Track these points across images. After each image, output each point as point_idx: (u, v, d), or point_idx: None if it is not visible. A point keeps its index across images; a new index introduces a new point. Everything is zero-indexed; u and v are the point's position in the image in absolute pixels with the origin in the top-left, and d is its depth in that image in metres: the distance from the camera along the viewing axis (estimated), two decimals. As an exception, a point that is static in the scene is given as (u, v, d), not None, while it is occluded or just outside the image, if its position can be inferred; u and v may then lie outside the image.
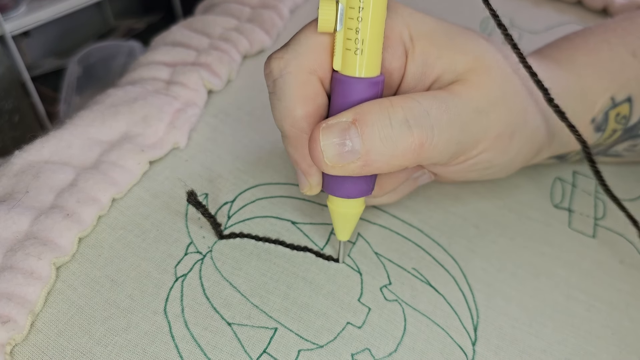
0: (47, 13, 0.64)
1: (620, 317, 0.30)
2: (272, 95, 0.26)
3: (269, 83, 0.26)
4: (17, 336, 0.25)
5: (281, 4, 0.44)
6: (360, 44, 0.23)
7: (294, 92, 0.25)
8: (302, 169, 0.27)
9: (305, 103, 0.25)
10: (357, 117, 0.23)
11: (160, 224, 0.30)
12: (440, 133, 0.25)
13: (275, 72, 0.25)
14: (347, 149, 0.23)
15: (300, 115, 0.25)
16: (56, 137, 0.33)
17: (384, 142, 0.23)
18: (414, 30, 0.26)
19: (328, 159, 0.24)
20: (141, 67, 0.38)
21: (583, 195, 0.37)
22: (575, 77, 0.32)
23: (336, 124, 0.23)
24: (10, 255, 0.27)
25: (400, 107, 0.24)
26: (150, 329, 0.26)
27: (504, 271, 0.31)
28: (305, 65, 0.25)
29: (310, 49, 0.25)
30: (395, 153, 0.24)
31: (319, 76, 0.25)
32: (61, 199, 0.30)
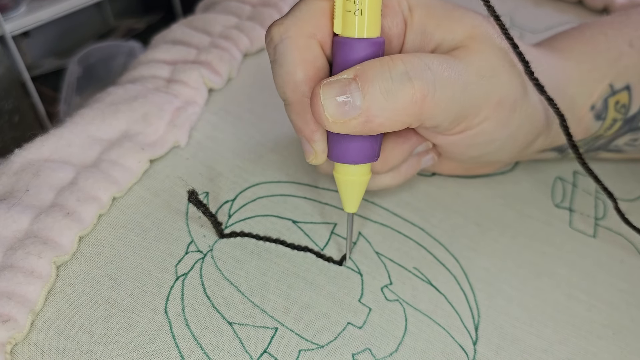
0: (47, 13, 0.64)
1: (621, 317, 0.30)
2: (273, 63, 0.26)
3: (270, 51, 0.26)
4: (17, 335, 0.25)
5: (282, 1, 0.44)
6: (360, 4, 0.24)
7: (294, 56, 0.25)
8: (305, 136, 0.27)
9: (306, 67, 0.25)
10: (358, 73, 0.23)
11: (161, 222, 0.30)
12: (442, 88, 0.24)
13: (276, 38, 0.25)
14: (348, 105, 0.23)
15: (301, 79, 0.25)
16: (56, 135, 0.32)
17: (385, 96, 0.23)
18: (413, 1, 0.27)
19: (329, 114, 0.24)
20: (141, 65, 0.38)
21: (584, 195, 0.37)
22: (574, 63, 0.32)
23: (337, 81, 0.24)
24: (10, 254, 0.27)
25: (401, 60, 0.24)
26: (150, 328, 0.26)
27: (505, 270, 0.31)
28: (305, 29, 0.25)
29: (310, 13, 0.25)
30: (397, 106, 0.24)
31: (318, 40, 0.25)
32: (61, 197, 0.30)
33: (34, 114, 0.66)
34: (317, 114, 0.24)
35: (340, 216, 0.32)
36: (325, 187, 0.33)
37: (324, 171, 0.31)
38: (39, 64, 0.73)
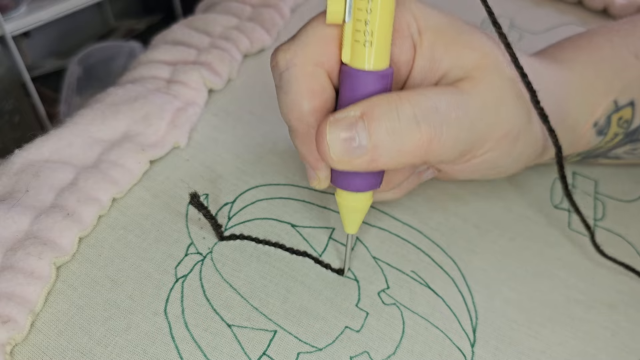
0: (48, 13, 0.64)
1: (619, 318, 0.30)
2: (279, 89, 0.26)
3: (275, 76, 0.26)
4: (17, 336, 0.25)
5: (282, 2, 0.44)
6: (370, 36, 0.23)
7: (300, 85, 0.24)
8: (310, 163, 0.27)
9: (312, 97, 0.25)
10: (365, 111, 0.23)
11: (161, 224, 0.30)
12: (448, 130, 0.24)
13: (282, 64, 0.25)
14: (354, 144, 0.23)
15: (307, 109, 0.25)
16: (56, 135, 0.32)
17: (392, 137, 0.23)
18: (422, 23, 0.26)
19: (334, 153, 0.23)
20: (142, 65, 0.38)
21: (583, 196, 0.37)
22: (578, 77, 0.32)
23: (343, 118, 0.23)
24: (10, 254, 0.27)
25: (409, 101, 0.23)
26: (150, 329, 0.26)
27: (503, 272, 0.31)
28: (312, 57, 0.24)
29: (318, 41, 0.24)
30: (403, 149, 0.24)
31: (326, 69, 0.25)
32: (61, 198, 0.30)
33: (34, 114, 0.66)
34: (322, 152, 0.24)
35: (338, 221, 0.32)
36: (324, 190, 0.33)
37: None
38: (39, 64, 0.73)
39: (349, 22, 0.23)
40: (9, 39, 0.61)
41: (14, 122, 0.62)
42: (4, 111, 0.61)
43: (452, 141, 0.25)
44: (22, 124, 0.63)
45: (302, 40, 0.25)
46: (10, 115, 0.62)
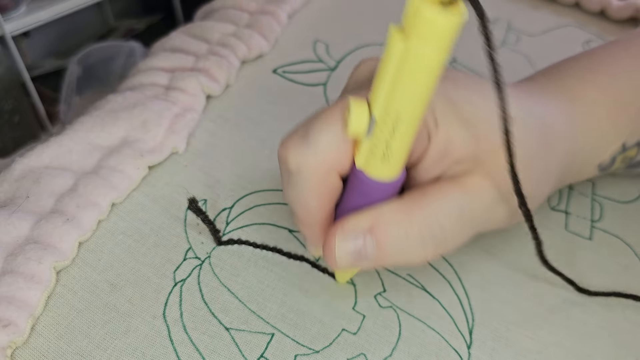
0: (47, 13, 0.64)
1: (616, 318, 0.30)
2: (287, 182, 0.25)
3: (283, 171, 0.25)
4: (17, 339, 0.25)
5: (279, 9, 0.44)
6: (388, 150, 0.22)
7: (310, 188, 0.24)
8: (312, 242, 0.27)
9: (321, 198, 0.24)
10: (374, 226, 0.24)
11: (160, 229, 0.31)
12: (453, 240, 0.25)
13: (292, 165, 0.24)
14: (361, 254, 0.24)
15: (314, 207, 0.25)
16: (56, 142, 0.33)
17: (398, 252, 0.24)
18: (438, 113, 0.24)
19: (342, 264, 0.25)
20: (140, 73, 0.38)
21: (580, 197, 0.37)
22: (588, 122, 0.30)
23: (352, 230, 0.24)
24: (11, 259, 0.28)
25: (417, 223, 0.24)
26: (149, 332, 0.26)
27: (499, 274, 0.31)
28: (325, 163, 0.23)
29: (332, 148, 0.23)
30: (405, 262, 0.25)
31: (337, 171, 0.24)
32: (61, 203, 0.30)
33: (33, 114, 0.67)
34: (329, 260, 0.25)
35: (336, 221, 0.32)
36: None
37: None
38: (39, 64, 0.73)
39: (369, 137, 0.22)
40: (8, 38, 0.61)
41: (14, 121, 0.63)
42: (4, 111, 0.62)
43: (455, 246, 0.26)
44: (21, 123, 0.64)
45: (315, 144, 0.23)
46: (10, 115, 0.62)
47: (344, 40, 0.45)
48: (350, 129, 0.22)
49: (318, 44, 0.44)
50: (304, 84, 0.40)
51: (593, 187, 0.38)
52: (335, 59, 0.43)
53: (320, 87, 0.40)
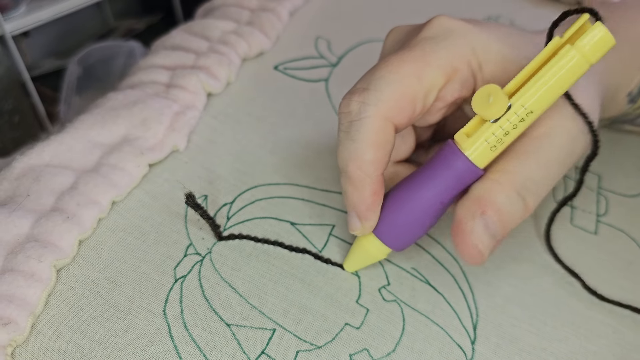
0: (47, 13, 0.64)
1: (622, 314, 0.30)
2: (345, 134, 0.26)
3: (344, 122, 0.26)
4: (18, 338, 0.25)
5: (280, 6, 0.44)
6: (499, 143, 0.25)
7: (369, 137, 0.25)
8: (358, 212, 0.27)
9: (377, 149, 0.25)
10: (485, 209, 0.25)
11: (160, 226, 0.30)
12: (546, 186, 0.26)
13: (354, 114, 0.26)
14: (491, 234, 0.25)
15: (369, 160, 0.25)
16: (57, 140, 0.33)
17: (512, 217, 0.25)
18: (482, 57, 0.27)
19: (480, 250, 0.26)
20: (141, 70, 0.38)
21: (585, 191, 0.37)
22: (617, 52, 0.31)
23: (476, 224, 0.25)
24: (11, 257, 0.27)
25: (513, 188, 0.25)
26: (149, 330, 0.26)
27: (504, 269, 0.31)
28: (385, 112, 0.25)
29: (394, 97, 0.25)
30: (516, 223, 0.26)
31: (394, 122, 0.26)
32: (62, 201, 0.30)
33: (33, 114, 0.67)
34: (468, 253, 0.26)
35: (338, 218, 0.32)
36: (324, 188, 0.33)
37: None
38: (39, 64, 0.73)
39: (493, 124, 0.24)
40: (8, 38, 0.61)
41: (14, 121, 0.63)
42: (4, 111, 0.62)
43: (552, 184, 0.27)
44: (21, 123, 0.64)
45: (377, 93, 0.25)
46: (10, 115, 0.62)
47: (345, 36, 0.44)
48: (487, 113, 0.24)
49: (320, 40, 0.44)
50: (306, 80, 0.40)
51: (599, 180, 0.38)
52: (337, 55, 0.43)
53: (321, 82, 0.40)
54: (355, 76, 0.41)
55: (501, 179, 0.25)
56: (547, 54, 0.24)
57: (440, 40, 0.27)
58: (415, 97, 0.26)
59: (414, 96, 0.26)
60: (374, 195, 0.26)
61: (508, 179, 0.25)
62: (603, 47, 0.23)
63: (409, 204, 0.26)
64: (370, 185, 0.26)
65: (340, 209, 0.32)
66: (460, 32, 0.27)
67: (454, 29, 0.27)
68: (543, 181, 0.26)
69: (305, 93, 0.39)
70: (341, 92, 0.40)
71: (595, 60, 0.23)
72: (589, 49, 0.23)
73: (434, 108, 0.28)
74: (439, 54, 0.26)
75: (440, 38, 0.27)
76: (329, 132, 0.37)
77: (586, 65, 0.23)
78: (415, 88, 0.26)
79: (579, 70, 0.24)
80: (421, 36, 0.27)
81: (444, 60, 0.26)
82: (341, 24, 0.46)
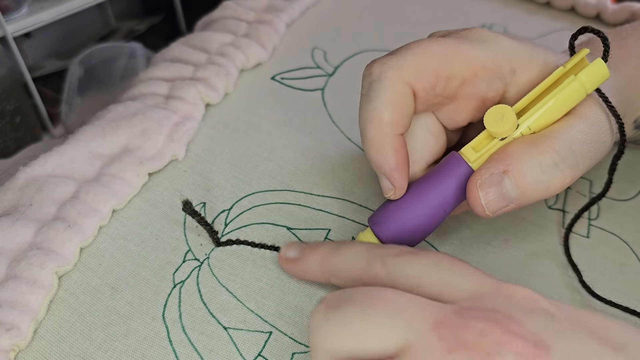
0: (49, 14, 0.65)
1: (615, 315, 0.30)
2: (364, 97, 0.27)
3: (364, 84, 0.27)
4: (20, 343, 0.26)
5: (277, 18, 0.45)
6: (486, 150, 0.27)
7: (387, 96, 0.26)
8: (385, 172, 0.27)
9: (395, 110, 0.26)
10: (508, 168, 0.25)
11: (159, 233, 0.31)
12: (583, 163, 0.26)
13: (375, 74, 0.27)
14: (505, 198, 0.26)
15: (386, 120, 0.26)
16: (59, 152, 0.34)
17: (538, 186, 0.26)
18: (516, 64, 0.28)
19: (490, 211, 0.26)
20: (141, 83, 0.39)
21: (577, 196, 0.37)
22: (626, 80, 0.32)
23: (489, 177, 0.25)
24: (14, 265, 0.28)
25: (547, 152, 0.25)
26: (149, 334, 0.27)
27: (497, 273, 0.32)
28: (404, 75, 0.26)
29: (415, 62, 0.26)
30: (548, 192, 0.26)
31: (414, 89, 0.27)
32: (63, 210, 0.31)
33: (35, 114, 0.67)
34: (478, 211, 0.26)
35: (333, 222, 0.32)
36: (319, 193, 0.34)
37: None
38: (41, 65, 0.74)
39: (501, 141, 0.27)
40: (10, 39, 0.62)
41: (16, 122, 0.63)
42: (6, 111, 0.62)
43: (588, 167, 0.27)
44: (23, 124, 0.64)
45: (399, 58, 0.27)
46: (11, 116, 0.63)
47: (341, 47, 0.45)
48: (500, 131, 0.26)
49: (316, 51, 0.45)
50: (302, 89, 0.41)
51: (590, 185, 0.38)
52: (333, 65, 0.43)
53: (318, 92, 0.41)
54: (351, 85, 0.42)
55: (538, 141, 0.26)
56: (551, 81, 0.27)
57: (476, 40, 0.28)
58: (438, 73, 0.27)
59: (437, 72, 0.27)
60: (396, 154, 0.27)
61: (548, 143, 0.26)
62: (600, 79, 0.26)
63: (413, 208, 0.27)
64: (389, 144, 0.27)
65: (335, 213, 0.33)
66: (496, 40, 0.28)
67: (491, 37, 0.28)
68: (582, 157, 0.26)
69: (301, 102, 0.40)
70: (337, 101, 0.40)
71: (591, 90, 0.26)
72: (588, 80, 0.26)
73: (459, 104, 0.29)
74: (471, 50, 0.27)
75: (476, 39, 0.28)
76: (324, 139, 0.38)
77: (584, 94, 0.26)
78: (439, 65, 0.27)
79: (578, 98, 0.26)
80: (459, 34, 0.29)
81: (475, 57, 0.27)
82: (337, 35, 0.47)
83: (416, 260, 0.23)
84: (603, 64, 0.26)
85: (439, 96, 0.28)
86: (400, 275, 0.23)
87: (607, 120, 0.28)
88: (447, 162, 0.27)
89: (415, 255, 0.24)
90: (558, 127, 0.26)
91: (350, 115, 0.39)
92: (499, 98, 0.29)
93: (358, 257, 0.25)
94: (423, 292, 0.22)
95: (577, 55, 0.27)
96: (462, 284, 0.22)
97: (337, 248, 0.26)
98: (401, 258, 0.24)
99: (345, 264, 0.25)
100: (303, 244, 0.28)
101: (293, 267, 0.28)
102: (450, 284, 0.22)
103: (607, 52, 0.27)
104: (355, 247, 0.26)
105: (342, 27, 0.48)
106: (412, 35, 0.31)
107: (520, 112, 0.27)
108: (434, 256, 0.24)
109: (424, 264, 0.23)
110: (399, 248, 0.25)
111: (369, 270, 0.24)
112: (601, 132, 0.27)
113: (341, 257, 0.26)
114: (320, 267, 0.27)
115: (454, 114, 0.29)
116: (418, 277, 0.23)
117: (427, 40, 0.28)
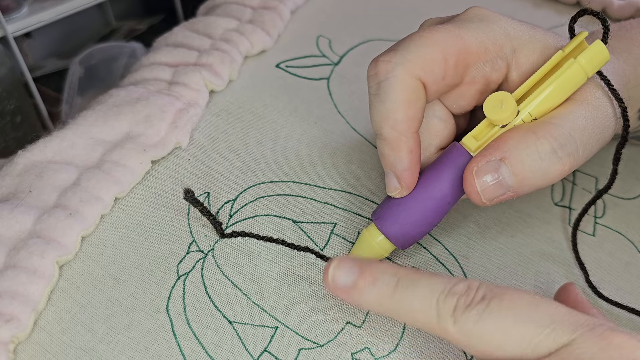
0: (49, 14, 0.64)
1: (620, 314, 0.30)
2: (375, 97, 0.27)
3: (372, 84, 0.27)
4: (20, 334, 0.25)
5: (282, 4, 0.44)
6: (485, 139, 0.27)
7: (398, 95, 0.26)
8: (396, 172, 0.27)
9: (408, 107, 0.26)
10: (505, 153, 0.25)
11: (163, 222, 0.30)
12: (584, 150, 0.26)
13: (382, 74, 0.26)
14: (501, 186, 0.25)
15: (401, 118, 0.26)
16: (59, 137, 0.33)
17: (535, 174, 0.25)
18: (516, 42, 0.27)
19: (486, 198, 0.26)
20: (143, 67, 0.38)
21: (583, 193, 0.37)
22: (632, 68, 0.32)
23: (485, 164, 0.25)
24: (13, 254, 0.28)
25: (546, 138, 0.25)
26: (152, 327, 0.26)
27: (503, 269, 0.31)
28: (412, 70, 0.26)
29: (420, 55, 0.26)
30: (546, 181, 0.26)
31: (423, 81, 0.26)
32: (64, 198, 0.30)
33: (36, 114, 0.66)
34: (475, 198, 0.26)
35: (339, 216, 0.32)
36: (325, 186, 0.33)
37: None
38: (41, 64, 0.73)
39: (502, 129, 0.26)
40: (10, 39, 0.61)
41: (16, 122, 0.63)
42: (6, 111, 0.61)
43: (589, 154, 0.27)
44: (24, 123, 0.64)
45: (404, 53, 0.26)
46: (12, 116, 0.62)
47: (347, 35, 0.44)
48: (500, 118, 0.26)
49: (321, 39, 0.44)
50: (307, 78, 0.40)
51: (596, 183, 0.38)
52: (339, 53, 0.43)
53: (323, 81, 0.40)
54: (357, 75, 0.41)
55: (537, 128, 0.25)
56: (550, 66, 0.26)
57: (474, 22, 0.27)
58: (445, 62, 0.26)
59: (445, 62, 0.26)
60: (411, 154, 0.27)
61: (546, 129, 0.25)
62: (600, 62, 0.26)
63: (416, 202, 0.27)
64: (405, 144, 0.26)
65: (341, 207, 0.32)
66: (494, 19, 0.28)
67: (489, 16, 0.28)
68: (582, 144, 0.26)
69: (306, 91, 0.39)
70: (342, 91, 0.40)
71: (591, 73, 0.26)
72: (588, 63, 0.25)
73: (463, 89, 0.28)
74: (472, 32, 0.27)
75: (475, 20, 0.27)
76: (330, 130, 0.37)
77: (585, 77, 0.26)
78: (445, 54, 0.26)
79: (579, 82, 0.26)
80: (456, 18, 0.28)
81: (476, 39, 0.27)
82: (343, 23, 0.46)
83: (487, 312, 0.21)
84: (603, 46, 0.25)
85: (448, 85, 0.27)
86: (474, 336, 0.21)
87: (609, 104, 0.27)
88: (448, 153, 0.27)
89: (487, 306, 0.21)
90: (558, 113, 0.26)
91: (356, 106, 0.39)
92: (502, 79, 0.28)
93: (424, 303, 0.22)
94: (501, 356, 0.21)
95: (576, 38, 0.26)
96: (545, 339, 0.20)
97: (400, 289, 0.23)
98: (473, 311, 0.21)
99: (412, 310, 0.22)
100: (355, 265, 0.24)
101: (345, 297, 0.24)
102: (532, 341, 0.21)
103: (607, 34, 0.27)
104: (421, 291, 0.22)
105: (347, 15, 0.47)
106: (418, 24, 0.30)
107: (520, 98, 0.27)
108: (509, 304, 0.22)
109: (498, 318, 0.21)
110: (470, 295, 0.22)
111: (440, 323, 0.22)
112: (604, 116, 0.27)
113: (406, 302, 0.23)
114: (378, 307, 0.23)
115: (459, 99, 0.29)
116: (492, 334, 0.21)
117: (427, 30, 0.27)
